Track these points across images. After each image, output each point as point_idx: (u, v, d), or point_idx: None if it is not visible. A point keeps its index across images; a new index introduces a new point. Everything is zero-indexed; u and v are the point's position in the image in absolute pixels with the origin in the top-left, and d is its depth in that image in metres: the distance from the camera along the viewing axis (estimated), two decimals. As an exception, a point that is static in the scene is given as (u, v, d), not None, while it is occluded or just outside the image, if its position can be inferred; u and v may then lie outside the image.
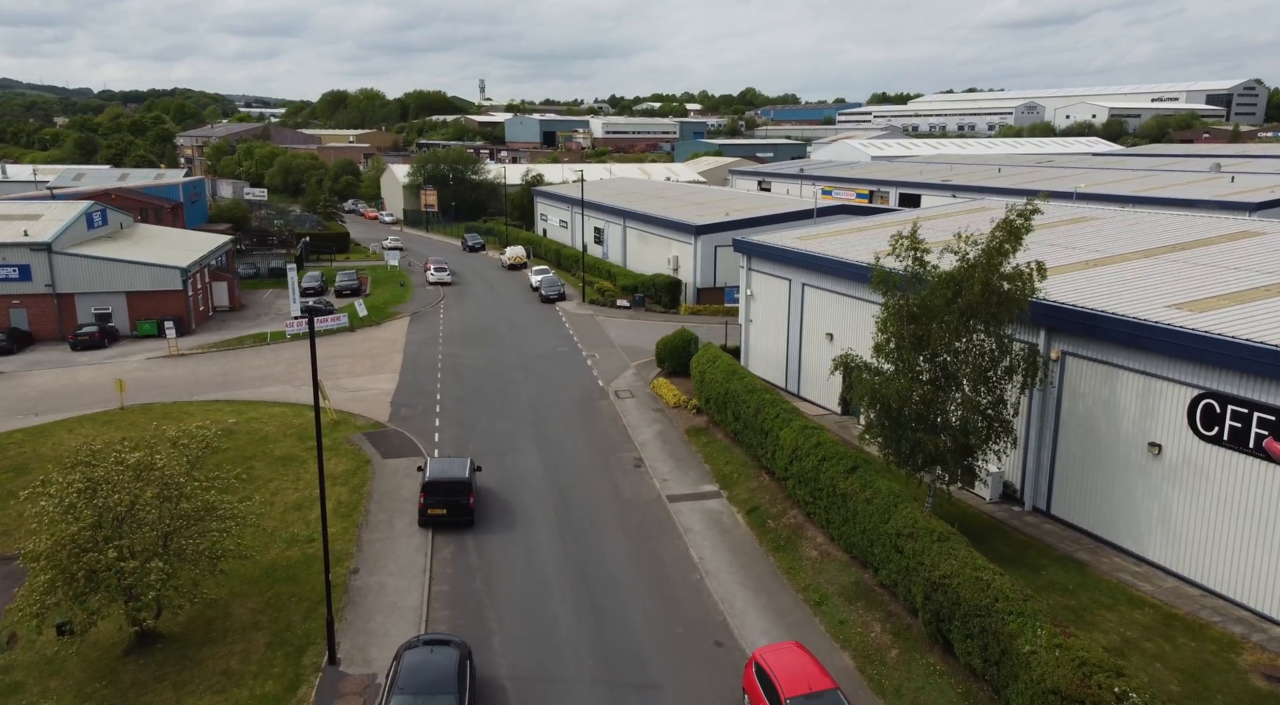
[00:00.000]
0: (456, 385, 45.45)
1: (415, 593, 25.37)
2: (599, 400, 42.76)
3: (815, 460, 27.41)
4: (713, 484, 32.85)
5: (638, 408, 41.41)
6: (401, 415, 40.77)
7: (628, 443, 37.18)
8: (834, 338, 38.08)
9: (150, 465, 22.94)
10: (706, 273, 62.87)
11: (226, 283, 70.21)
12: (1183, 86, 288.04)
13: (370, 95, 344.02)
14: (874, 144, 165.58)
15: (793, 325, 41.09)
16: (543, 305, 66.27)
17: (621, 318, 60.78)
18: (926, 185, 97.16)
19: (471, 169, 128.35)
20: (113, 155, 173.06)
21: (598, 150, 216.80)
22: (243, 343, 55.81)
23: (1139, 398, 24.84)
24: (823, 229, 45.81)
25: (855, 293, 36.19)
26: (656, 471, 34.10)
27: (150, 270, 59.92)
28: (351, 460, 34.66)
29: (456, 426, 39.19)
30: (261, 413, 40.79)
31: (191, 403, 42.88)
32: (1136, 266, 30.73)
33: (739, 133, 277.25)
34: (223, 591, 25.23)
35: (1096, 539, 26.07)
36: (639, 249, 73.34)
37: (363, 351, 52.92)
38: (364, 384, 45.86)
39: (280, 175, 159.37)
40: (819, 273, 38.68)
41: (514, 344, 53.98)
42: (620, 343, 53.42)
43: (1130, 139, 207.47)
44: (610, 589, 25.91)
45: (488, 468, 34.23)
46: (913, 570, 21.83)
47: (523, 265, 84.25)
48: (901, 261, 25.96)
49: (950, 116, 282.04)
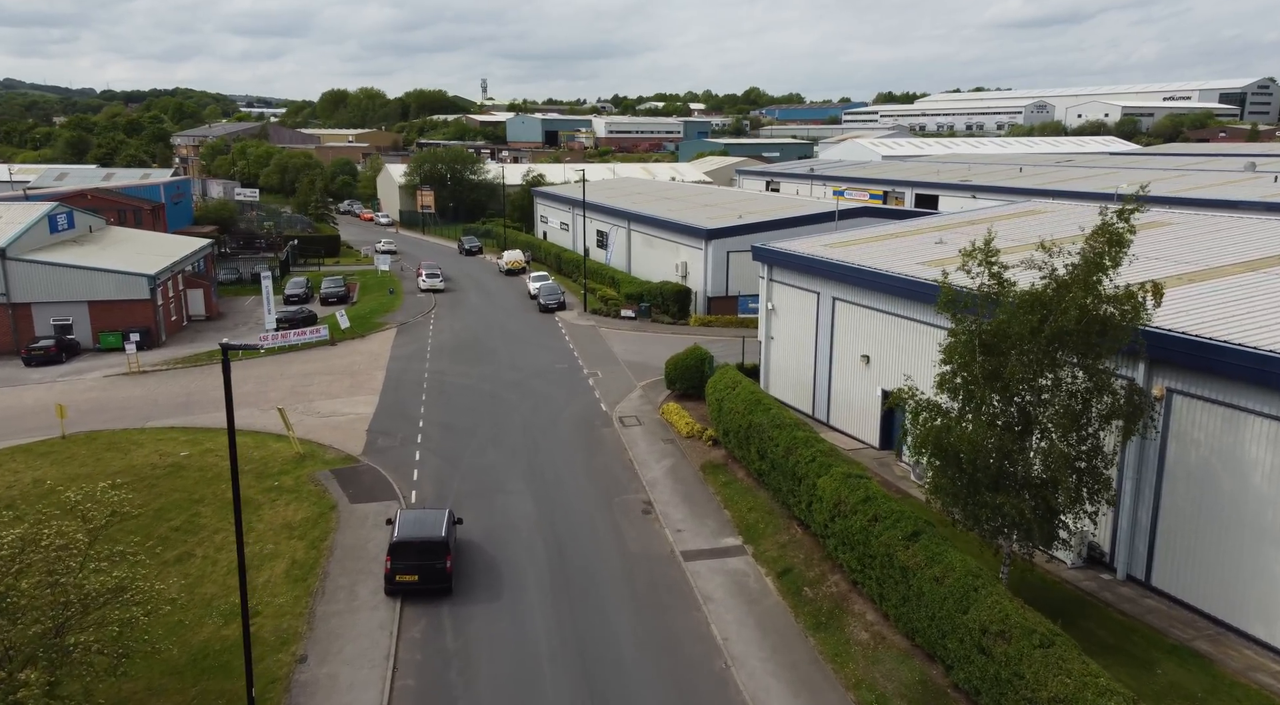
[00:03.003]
0: (443, 409, 40.65)
1: (373, 690, 20.52)
2: (602, 427, 37.94)
3: (864, 519, 22.57)
4: (735, 536, 27.99)
5: (646, 437, 36.58)
6: (378, 446, 35.95)
7: (635, 481, 32.35)
8: (871, 361, 33.22)
9: (36, 541, 18.13)
10: (718, 280, 58.02)
11: (203, 290, 65.49)
12: (1195, 85, 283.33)
13: (371, 94, 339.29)
14: (884, 143, 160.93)
15: (821, 344, 36.23)
16: (541, 315, 61.44)
17: (626, 329, 55.93)
18: (944, 186, 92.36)
19: (470, 169, 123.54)
20: (103, 155, 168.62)
21: (600, 150, 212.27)
22: (212, 358, 50.98)
23: (1273, 448, 19.98)
24: (852, 235, 40.94)
25: (898, 310, 31.33)
26: (668, 519, 29.25)
27: (115, 278, 55.19)
28: (313, 505, 29.81)
29: (439, 460, 34.37)
30: (219, 443, 35.92)
31: (144, 430, 38.10)
32: (1241, 282, 25.84)
33: (743, 132, 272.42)
34: (136, 686, 20.42)
35: (1217, 623, 21.17)
36: (644, 254, 68.51)
37: (342, 368, 48.12)
38: (340, 407, 41.06)
39: (276, 175, 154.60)
40: (853, 286, 33.83)
41: (508, 359, 49.16)
42: (625, 358, 48.59)
43: (1144, 138, 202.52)
44: (616, 683, 21.07)
45: (473, 512, 29.44)
46: (1007, 682, 16.96)
47: (521, 270, 79.43)
48: (974, 278, 21.12)
49: (958, 116, 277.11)
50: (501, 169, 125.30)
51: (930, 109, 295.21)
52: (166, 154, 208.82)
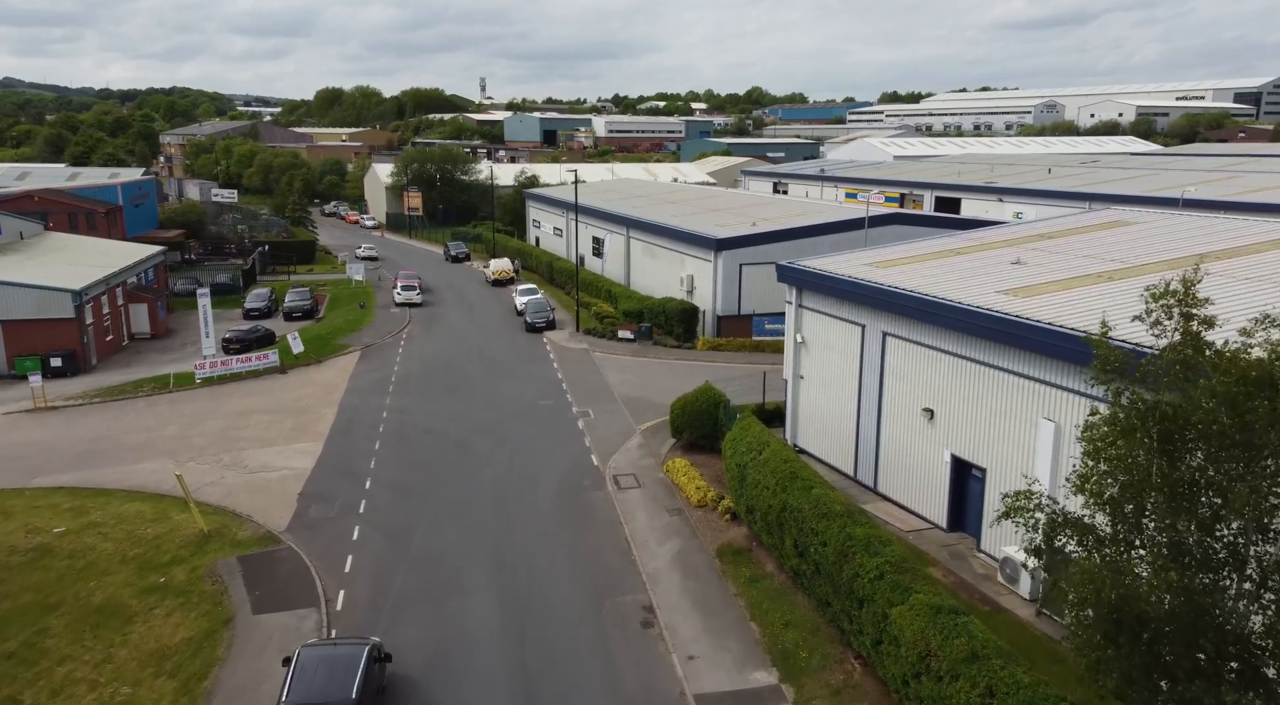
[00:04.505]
0: (398, 463, 33.29)
1: None
2: (592, 490, 30.56)
3: (973, 691, 15.21)
4: (768, 669, 20.59)
5: (647, 506, 29.20)
6: (309, 519, 28.57)
7: (632, 574, 24.97)
8: (936, 417, 25.87)
9: None
10: (729, 297, 50.59)
11: (147, 304, 58.14)
12: (1209, 85, 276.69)
13: (366, 93, 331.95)
14: (895, 143, 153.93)
15: (867, 390, 28.87)
16: (527, 335, 54.04)
17: (624, 355, 48.55)
18: (967, 188, 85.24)
19: (461, 169, 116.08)
20: (80, 153, 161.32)
21: (600, 149, 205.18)
22: (140, 388, 43.65)
23: None
24: (898, 251, 33.56)
25: (977, 354, 24.00)
26: (676, 636, 21.87)
27: (33, 293, 47.80)
28: (202, 618, 22.36)
29: (383, 541, 26.98)
30: (111, 513, 28.60)
31: (22, 492, 30.71)
32: None
33: (746, 132, 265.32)
34: None
35: None
36: (645, 265, 61.13)
37: (287, 404, 40.73)
38: (273, 459, 33.69)
39: (259, 175, 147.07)
40: (912, 319, 26.49)
41: (485, 394, 41.77)
42: (622, 393, 41.20)
43: (1160, 138, 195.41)
44: None
45: (417, 625, 22.13)
46: None
47: (509, 281, 72.06)
48: (1164, 336, 13.78)
49: (965, 115, 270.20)
50: (493, 169, 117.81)
51: (937, 109, 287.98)
52: (151, 153, 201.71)
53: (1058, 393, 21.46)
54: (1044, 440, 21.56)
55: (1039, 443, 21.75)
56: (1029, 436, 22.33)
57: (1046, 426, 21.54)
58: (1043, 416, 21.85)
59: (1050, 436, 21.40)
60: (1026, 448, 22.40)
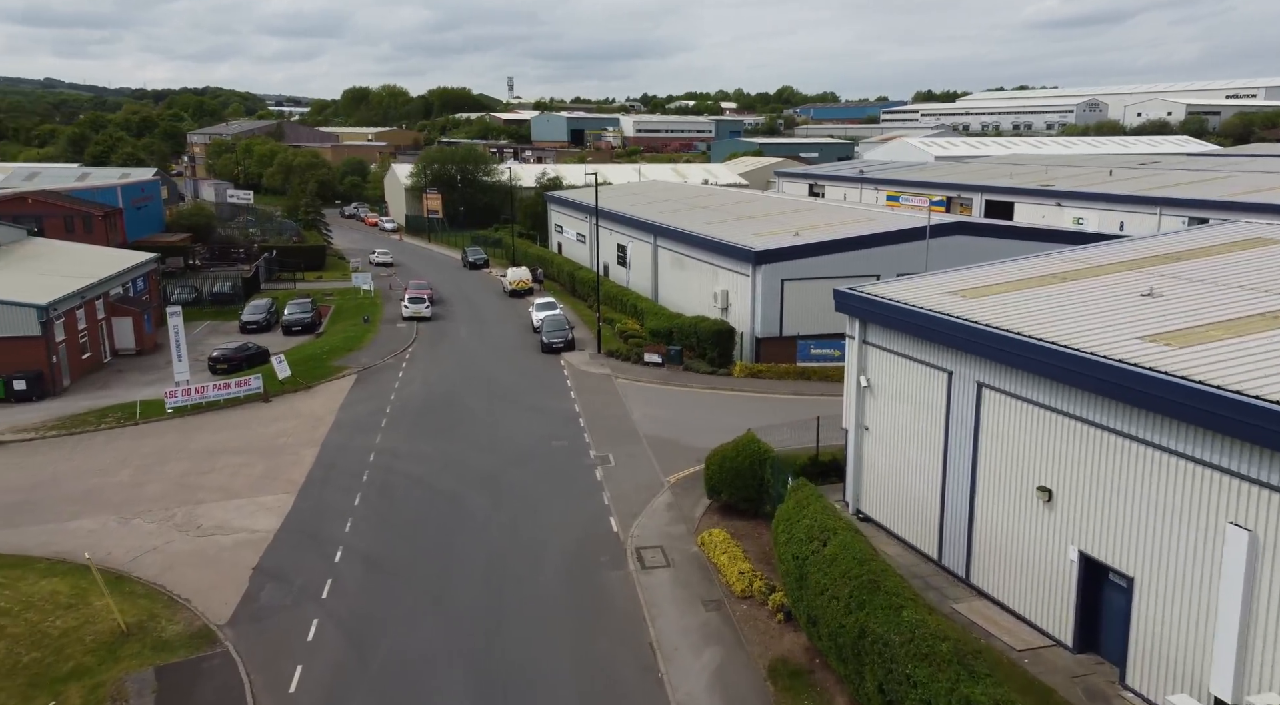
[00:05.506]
0: (377, 526, 27.77)
1: None
2: (609, 569, 24.86)
3: None
4: None
5: (677, 595, 23.43)
6: (260, 605, 23.11)
7: (659, 699, 19.24)
8: (1056, 499, 19.86)
9: None
10: (770, 316, 44.62)
11: (133, 318, 53.34)
12: (1261, 82, 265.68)
13: (393, 92, 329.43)
14: (936, 143, 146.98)
15: (957, 455, 22.91)
16: (543, 357, 48.48)
17: (650, 381, 42.80)
18: (1021, 191, 78.82)
19: (483, 169, 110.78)
20: (99, 152, 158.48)
21: (629, 149, 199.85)
22: (103, 419, 38.61)
23: None
24: (988, 274, 27.47)
25: (1122, 426, 17.95)
26: (718, 809, 16.12)
27: (-5, 309, 43.08)
28: (86, 773, 17.00)
29: (344, 642, 21.43)
30: (20, 594, 23.32)
31: (-75, 562, 25.62)
32: None
33: (777, 131, 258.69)
34: None
35: None
36: (675, 277, 55.36)
37: (263, 442, 35.45)
38: (232, 517, 28.33)
39: (280, 175, 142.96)
40: (1020, 369, 20.50)
41: (488, 432, 36.21)
42: (649, 432, 35.47)
43: (1214, 137, 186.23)
44: None
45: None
46: None
47: (528, 291, 66.65)
48: None
49: (1004, 114, 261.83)
50: (511, 169, 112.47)
51: (974, 108, 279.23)
52: (174, 153, 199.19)
53: (1253, 489, 15.45)
54: (1234, 555, 15.55)
55: (1226, 556, 15.74)
56: (1204, 544, 16.33)
57: (1237, 536, 15.53)
58: (1228, 520, 15.85)
59: (1243, 550, 15.39)
60: (1200, 558, 16.42)
